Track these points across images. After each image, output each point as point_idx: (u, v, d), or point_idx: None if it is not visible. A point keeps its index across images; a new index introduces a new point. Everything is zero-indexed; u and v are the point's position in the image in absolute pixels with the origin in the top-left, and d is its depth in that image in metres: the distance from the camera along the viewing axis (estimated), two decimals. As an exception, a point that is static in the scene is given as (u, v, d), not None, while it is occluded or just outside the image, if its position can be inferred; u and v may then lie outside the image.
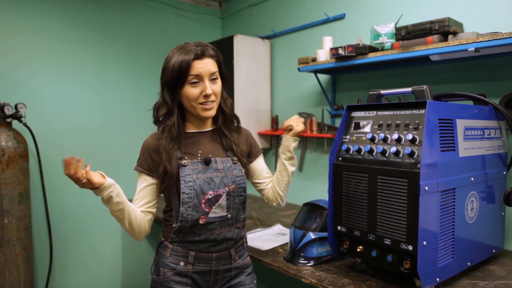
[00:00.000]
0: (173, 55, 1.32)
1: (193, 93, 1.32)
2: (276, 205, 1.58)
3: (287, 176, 1.53)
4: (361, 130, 1.45)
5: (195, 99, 1.33)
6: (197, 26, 3.42)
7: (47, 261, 2.65)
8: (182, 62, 1.29)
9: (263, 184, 1.58)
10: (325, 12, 2.52)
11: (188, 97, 1.33)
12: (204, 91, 1.32)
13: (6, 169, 2.20)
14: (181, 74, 1.30)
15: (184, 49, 1.32)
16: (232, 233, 1.40)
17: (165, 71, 1.33)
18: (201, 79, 1.32)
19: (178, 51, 1.32)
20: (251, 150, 1.54)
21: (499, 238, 1.59)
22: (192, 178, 1.33)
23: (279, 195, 1.54)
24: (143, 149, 1.39)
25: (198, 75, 1.31)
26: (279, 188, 1.54)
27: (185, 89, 1.32)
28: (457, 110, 1.38)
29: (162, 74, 1.35)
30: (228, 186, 1.37)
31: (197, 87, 1.32)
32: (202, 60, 1.32)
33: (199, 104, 1.34)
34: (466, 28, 1.81)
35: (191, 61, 1.29)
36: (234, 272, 1.43)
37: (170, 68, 1.31)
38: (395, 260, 1.30)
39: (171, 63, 1.31)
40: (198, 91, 1.32)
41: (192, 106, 1.34)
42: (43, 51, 2.63)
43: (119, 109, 2.99)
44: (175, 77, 1.30)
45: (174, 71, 1.30)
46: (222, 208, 1.36)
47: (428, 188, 1.21)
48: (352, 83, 2.44)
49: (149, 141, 1.39)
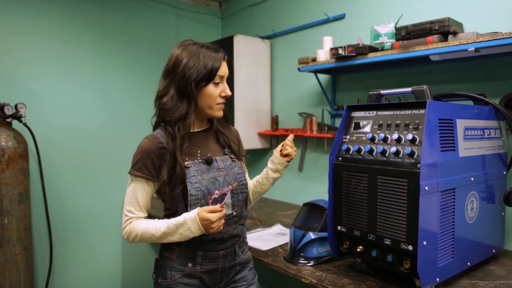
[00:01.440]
0: (199, 52, 1.30)
1: (215, 93, 1.34)
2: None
3: (266, 190, 1.54)
4: (361, 130, 1.45)
5: (214, 99, 1.34)
6: (197, 26, 3.42)
7: (47, 261, 2.65)
8: (215, 61, 1.31)
9: None
10: (325, 12, 2.52)
11: (210, 96, 1.33)
12: (224, 91, 1.36)
13: (6, 169, 2.20)
14: (212, 73, 1.31)
15: (208, 48, 1.33)
16: (237, 230, 1.41)
17: (188, 69, 1.29)
18: (222, 80, 1.35)
19: (203, 48, 1.32)
20: (239, 149, 1.53)
21: (499, 238, 1.59)
22: (198, 179, 1.32)
23: (250, 202, 1.55)
24: (142, 153, 1.31)
25: (222, 76, 1.35)
26: (253, 196, 1.55)
27: (208, 88, 1.32)
28: (457, 110, 1.38)
29: (188, 71, 1.28)
30: (231, 184, 1.38)
31: (218, 87, 1.35)
32: (225, 61, 1.36)
33: (216, 104, 1.35)
34: (466, 28, 1.81)
35: (222, 61, 1.33)
36: (238, 268, 1.44)
37: (202, 65, 1.29)
38: (395, 260, 1.30)
39: (201, 60, 1.29)
40: (218, 91, 1.35)
41: (210, 105, 1.35)
42: (43, 51, 2.63)
43: (119, 109, 2.99)
44: (206, 74, 1.30)
45: (207, 69, 1.30)
46: (228, 206, 1.37)
47: (428, 188, 1.21)
48: (352, 83, 2.44)
49: (147, 144, 1.31)
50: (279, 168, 1.50)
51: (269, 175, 1.51)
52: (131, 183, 1.33)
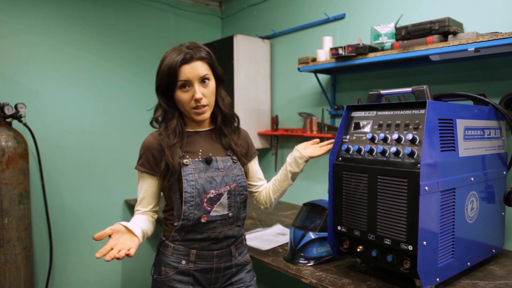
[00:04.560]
0: (164, 59, 1.32)
1: (184, 97, 1.32)
2: (264, 209, 1.60)
3: (286, 187, 1.54)
4: (361, 130, 1.45)
5: (187, 103, 1.33)
6: (197, 26, 3.42)
7: (47, 261, 2.65)
8: (170, 68, 1.28)
9: (255, 187, 1.58)
10: (325, 12, 2.52)
11: (180, 102, 1.34)
12: (194, 95, 1.31)
13: (6, 169, 2.20)
14: (170, 80, 1.30)
15: (174, 52, 1.31)
16: (233, 231, 1.41)
17: (157, 76, 1.34)
18: (190, 84, 1.31)
19: (169, 55, 1.31)
20: (248, 150, 1.54)
21: (499, 238, 1.59)
22: (194, 177, 1.33)
23: (271, 202, 1.55)
24: (144, 149, 1.38)
25: (186, 80, 1.30)
26: (274, 195, 1.54)
27: (177, 94, 1.33)
28: (457, 110, 1.38)
29: (156, 79, 1.35)
30: (229, 185, 1.38)
31: (188, 92, 1.32)
32: (190, 64, 1.30)
33: (191, 109, 1.34)
34: (466, 28, 1.81)
35: (178, 67, 1.28)
36: (235, 269, 1.44)
37: (160, 73, 1.32)
38: (395, 260, 1.30)
39: (161, 68, 1.32)
40: (189, 95, 1.32)
41: (186, 110, 1.35)
42: (43, 51, 2.64)
43: (119, 109, 2.99)
44: (165, 82, 1.31)
45: (164, 77, 1.30)
46: (224, 207, 1.37)
47: (428, 188, 1.21)
48: (352, 83, 2.44)
49: (149, 140, 1.38)
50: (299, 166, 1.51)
51: (287, 171, 1.51)
52: (138, 178, 1.41)
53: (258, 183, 1.58)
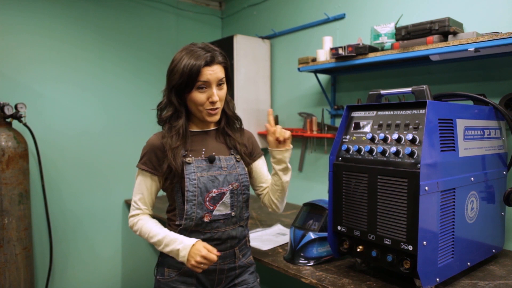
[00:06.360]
0: (181, 58, 1.31)
1: (200, 98, 1.33)
2: (272, 211, 1.54)
3: (281, 186, 1.45)
4: (361, 130, 1.45)
5: (201, 104, 1.34)
6: (197, 26, 3.42)
7: (47, 261, 2.65)
8: (193, 68, 1.28)
9: (260, 188, 1.55)
10: (325, 12, 2.52)
11: (195, 102, 1.34)
12: (211, 97, 1.33)
13: (6, 169, 2.20)
14: (190, 79, 1.30)
15: (194, 53, 1.31)
16: (236, 232, 1.41)
17: (173, 74, 1.32)
18: (208, 85, 1.33)
19: (188, 55, 1.31)
20: (253, 150, 1.54)
21: (499, 238, 1.59)
22: (197, 176, 1.33)
23: (274, 203, 1.50)
24: (148, 148, 1.38)
25: (206, 81, 1.31)
26: (274, 196, 1.48)
27: (193, 93, 1.33)
28: (457, 110, 1.38)
29: (170, 77, 1.34)
30: (232, 184, 1.38)
31: (204, 93, 1.33)
32: (212, 66, 1.32)
33: (205, 109, 1.35)
34: (466, 28, 1.81)
35: (201, 67, 1.29)
36: (238, 271, 1.44)
37: (179, 72, 1.30)
38: (395, 260, 1.30)
39: (180, 67, 1.30)
40: (205, 96, 1.33)
41: (198, 110, 1.36)
42: (43, 51, 2.63)
43: (119, 109, 2.99)
44: (184, 81, 1.30)
45: (184, 76, 1.29)
46: (226, 206, 1.37)
47: (428, 188, 1.21)
48: (352, 83, 2.44)
49: (153, 140, 1.38)
50: (279, 158, 1.41)
51: (275, 170, 1.44)
52: (138, 175, 1.40)
53: (264, 184, 1.54)
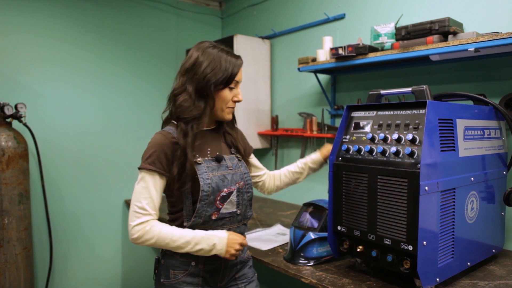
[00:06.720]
0: (220, 56, 1.33)
1: (229, 96, 1.38)
2: (267, 194, 1.72)
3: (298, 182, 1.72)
4: (361, 130, 1.45)
5: (227, 102, 1.38)
6: (197, 26, 3.42)
7: (47, 261, 2.65)
8: (235, 66, 1.34)
9: (257, 177, 1.67)
10: (325, 12, 2.52)
11: (224, 100, 1.36)
12: (237, 96, 1.39)
13: (6, 169, 2.20)
14: (230, 77, 1.34)
15: (228, 53, 1.36)
16: (240, 229, 1.43)
17: (214, 71, 1.31)
18: (236, 86, 1.39)
19: (223, 52, 1.35)
20: (246, 147, 1.57)
21: (499, 238, 1.59)
22: (209, 176, 1.33)
23: (280, 188, 1.71)
24: (156, 147, 1.29)
25: (238, 81, 1.38)
26: (285, 185, 1.71)
27: (224, 91, 1.36)
28: (457, 110, 1.38)
29: (209, 73, 1.31)
30: (238, 183, 1.39)
31: (232, 92, 1.38)
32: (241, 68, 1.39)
33: (228, 108, 1.39)
34: (466, 28, 1.81)
35: (240, 67, 1.37)
36: (239, 266, 1.46)
37: (223, 69, 1.32)
38: (395, 260, 1.30)
39: (222, 64, 1.32)
40: (231, 95, 1.38)
41: (222, 108, 1.38)
42: (43, 51, 2.64)
43: (119, 109, 2.99)
44: (226, 78, 1.33)
45: (227, 73, 1.33)
46: (233, 204, 1.38)
47: (428, 188, 1.21)
48: (352, 83, 2.44)
49: (161, 139, 1.30)
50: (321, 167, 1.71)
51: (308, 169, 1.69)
52: (143, 178, 1.28)
53: (260, 172, 1.67)
